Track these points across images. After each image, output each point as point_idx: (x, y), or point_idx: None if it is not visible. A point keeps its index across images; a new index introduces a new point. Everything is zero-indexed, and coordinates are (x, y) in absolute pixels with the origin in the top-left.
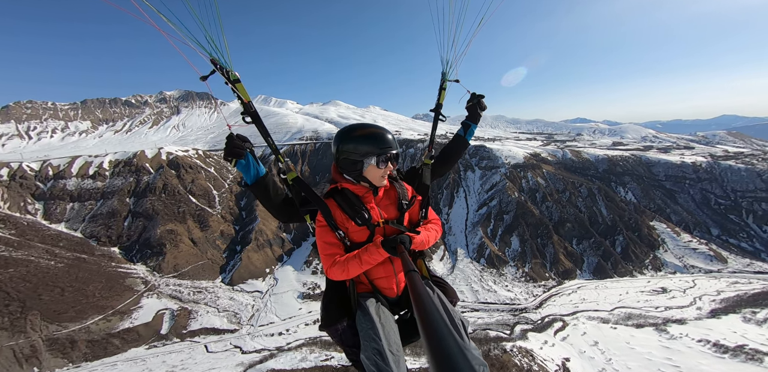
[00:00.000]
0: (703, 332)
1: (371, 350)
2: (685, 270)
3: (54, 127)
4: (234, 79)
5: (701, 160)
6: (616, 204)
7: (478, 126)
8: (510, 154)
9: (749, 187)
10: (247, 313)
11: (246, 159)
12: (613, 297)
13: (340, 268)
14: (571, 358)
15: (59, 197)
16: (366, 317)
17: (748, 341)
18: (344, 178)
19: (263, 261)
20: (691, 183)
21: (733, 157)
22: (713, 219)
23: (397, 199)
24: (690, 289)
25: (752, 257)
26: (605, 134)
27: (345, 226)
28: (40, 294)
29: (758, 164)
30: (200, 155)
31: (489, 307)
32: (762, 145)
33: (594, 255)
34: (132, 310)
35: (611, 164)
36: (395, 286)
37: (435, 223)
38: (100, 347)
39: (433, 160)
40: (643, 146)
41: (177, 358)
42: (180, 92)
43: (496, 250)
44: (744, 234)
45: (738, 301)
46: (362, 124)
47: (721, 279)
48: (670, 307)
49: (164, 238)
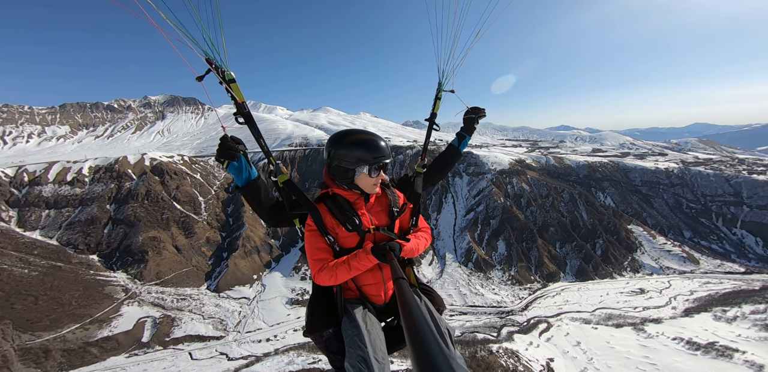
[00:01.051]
0: (678, 331)
1: (356, 357)
2: (661, 271)
3: (30, 131)
4: (229, 78)
5: (673, 167)
6: (596, 208)
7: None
8: (496, 161)
9: (718, 191)
10: (234, 320)
11: (239, 161)
12: (595, 298)
13: (328, 274)
14: (555, 358)
15: (34, 204)
16: (352, 324)
17: (719, 338)
18: (335, 183)
19: (250, 267)
20: (665, 188)
21: (703, 163)
22: (685, 222)
23: (388, 206)
24: (666, 290)
25: (723, 258)
26: (586, 141)
27: (335, 231)
28: (12, 303)
29: (726, 170)
30: (186, 161)
31: (477, 310)
32: (731, 152)
33: (576, 258)
34: (111, 319)
35: (591, 170)
36: (383, 293)
37: (425, 231)
38: (77, 356)
39: (425, 169)
40: (620, 153)
41: (159, 365)
42: (166, 97)
43: (483, 254)
44: (714, 236)
45: (709, 301)
46: (355, 130)
47: (694, 279)
48: (647, 307)
49: (146, 245)
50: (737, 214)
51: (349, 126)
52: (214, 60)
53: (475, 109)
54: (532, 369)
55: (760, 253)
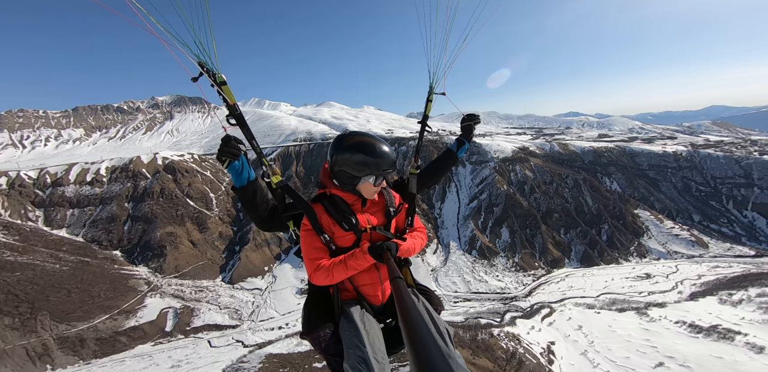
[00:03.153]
0: (681, 314)
1: (355, 358)
2: (668, 256)
3: (47, 135)
4: (220, 81)
5: (682, 150)
6: (601, 194)
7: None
8: (499, 149)
9: (728, 173)
10: (248, 310)
11: (240, 161)
12: (600, 284)
13: (324, 273)
14: (556, 341)
15: (59, 204)
16: (350, 324)
17: (722, 321)
18: (334, 184)
19: (261, 260)
20: (673, 171)
21: (713, 145)
22: (695, 206)
23: (384, 206)
24: (673, 275)
25: (732, 242)
26: (594, 127)
27: (331, 230)
28: (47, 296)
29: (737, 152)
30: (196, 159)
31: (481, 296)
32: (747, 133)
33: (581, 244)
34: (137, 310)
35: (596, 156)
36: (380, 293)
37: (420, 231)
38: (108, 345)
39: (419, 171)
40: (628, 137)
41: (182, 353)
42: (172, 97)
43: (486, 241)
44: (724, 219)
45: (717, 284)
46: (366, 139)
47: (702, 264)
48: (652, 292)
49: (164, 241)
50: (748, 196)
51: (353, 120)
52: (205, 63)
53: (470, 116)
54: (533, 351)
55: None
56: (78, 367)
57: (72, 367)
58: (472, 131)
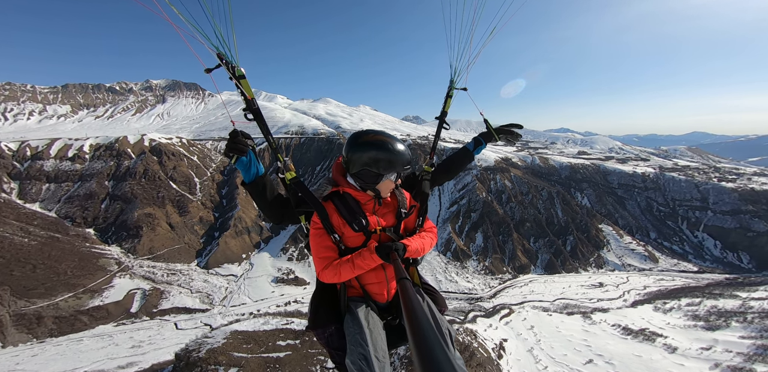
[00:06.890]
0: (619, 319)
1: (357, 355)
2: (622, 268)
3: (31, 109)
4: (239, 74)
5: (650, 171)
6: (572, 207)
7: (463, 131)
8: (482, 157)
9: (686, 196)
10: (220, 295)
11: (248, 156)
12: (558, 290)
13: (332, 272)
14: (509, 338)
15: (35, 177)
16: (355, 322)
17: (650, 326)
18: (348, 182)
19: (240, 247)
20: (639, 191)
21: (679, 169)
22: (653, 224)
23: (396, 208)
24: (623, 284)
25: (680, 258)
26: (577, 144)
27: (341, 230)
28: (11, 270)
29: (698, 176)
30: (184, 144)
31: (449, 295)
32: (717, 160)
33: (547, 252)
34: (103, 289)
35: (573, 171)
36: (386, 292)
37: (430, 231)
38: (68, 324)
39: (433, 168)
40: (605, 157)
41: (145, 334)
42: (167, 81)
43: (461, 245)
44: (677, 238)
45: (657, 294)
46: (385, 138)
47: (650, 276)
48: (601, 299)
49: (141, 221)
50: (701, 219)
51: (346, 118)
52: (224, 55)
53: (513, 125)
54: (486, 346)
55: (716, 255)
56: (30, 345)
57: (24, 345)
58: (500, 135)
